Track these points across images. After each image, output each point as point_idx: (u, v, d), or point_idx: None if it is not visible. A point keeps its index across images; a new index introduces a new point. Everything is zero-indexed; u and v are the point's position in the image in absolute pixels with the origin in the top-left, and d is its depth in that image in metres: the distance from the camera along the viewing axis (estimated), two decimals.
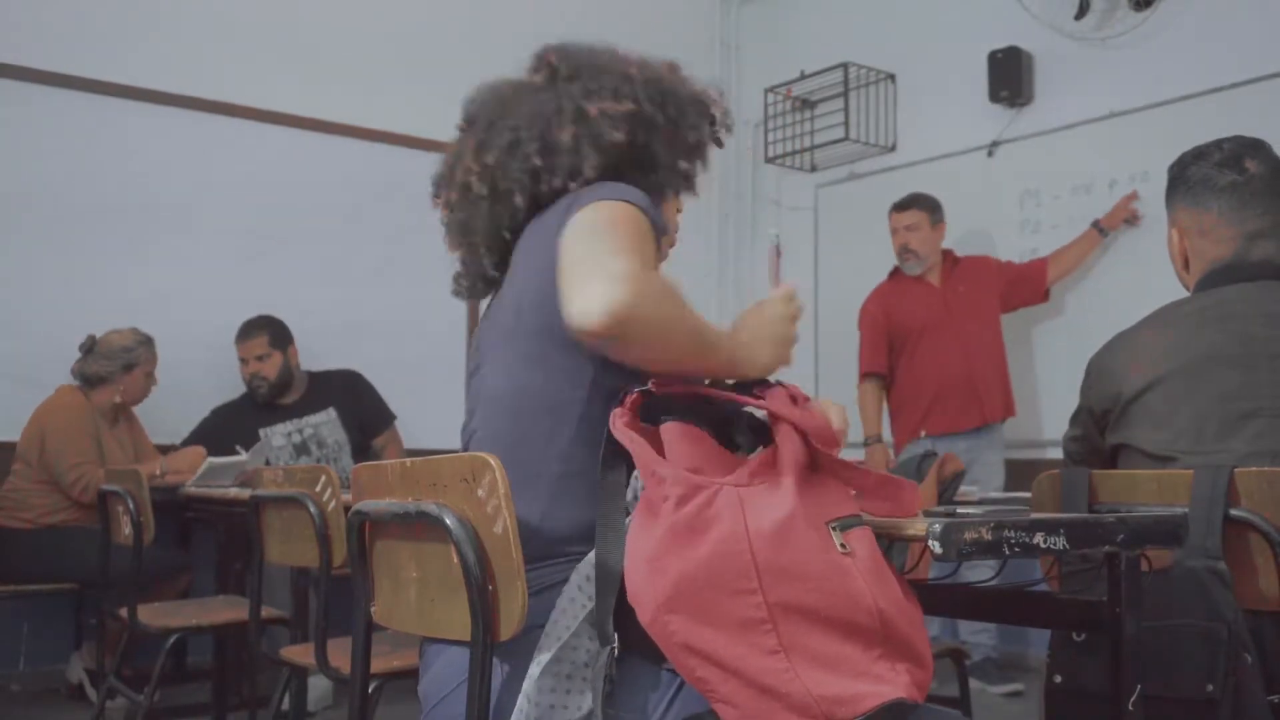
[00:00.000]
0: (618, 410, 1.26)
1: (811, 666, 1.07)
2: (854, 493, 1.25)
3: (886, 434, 4.62)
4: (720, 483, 1.15)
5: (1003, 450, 4.45)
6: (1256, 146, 1.96)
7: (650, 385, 1.28)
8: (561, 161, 1.44)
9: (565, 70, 1.50)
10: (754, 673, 1.07)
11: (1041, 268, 4.51)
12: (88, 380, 4.03)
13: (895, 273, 4.65)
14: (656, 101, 1.48)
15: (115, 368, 4.02)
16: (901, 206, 4.56)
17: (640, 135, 1.46)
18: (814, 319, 5.28)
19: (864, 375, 4.60)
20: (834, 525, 1.15)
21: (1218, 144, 1.99)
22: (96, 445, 3.94)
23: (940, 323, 4.47)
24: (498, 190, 1.47)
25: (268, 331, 4.38)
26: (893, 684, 1.08)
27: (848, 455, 1.27)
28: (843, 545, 1.13)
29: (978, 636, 4.30)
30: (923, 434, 4.44)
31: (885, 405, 4.62)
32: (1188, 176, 2.00)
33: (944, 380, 4.41)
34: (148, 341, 4.11)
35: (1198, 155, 2.00)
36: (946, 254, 4.60)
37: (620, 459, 1.25)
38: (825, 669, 1.07)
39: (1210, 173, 1.96)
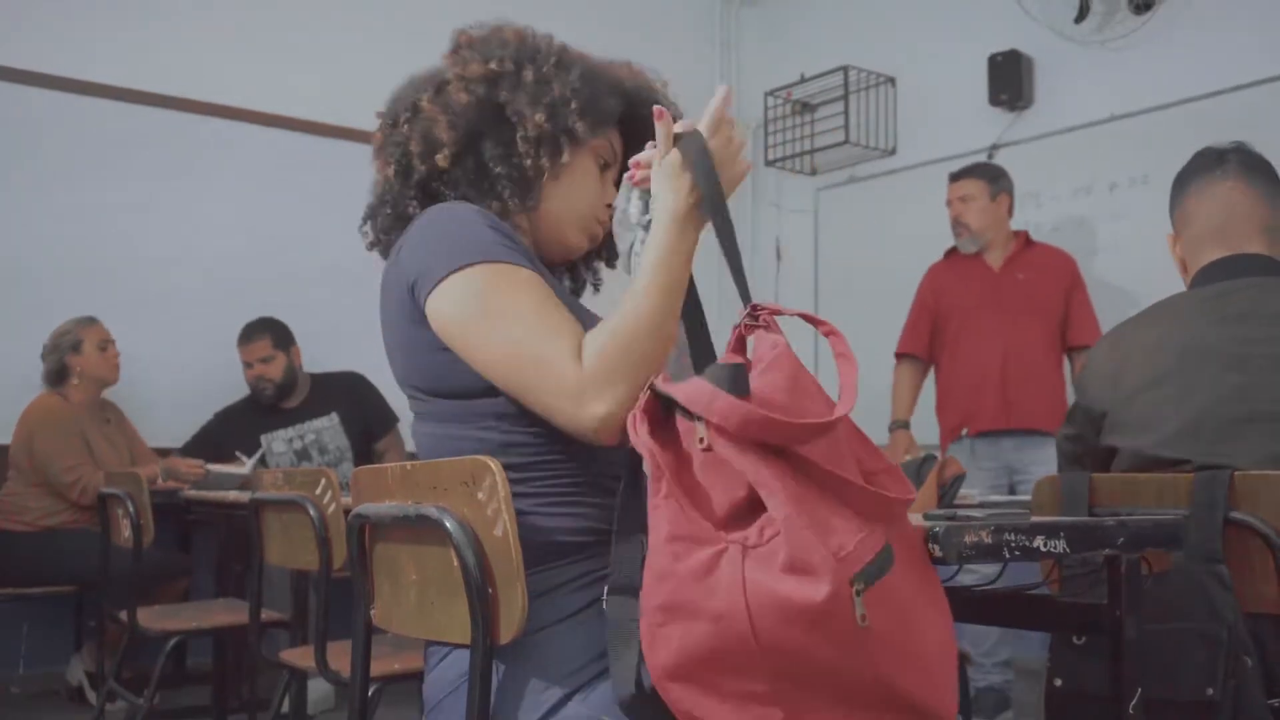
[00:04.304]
0: (637, 416, 1.15)
1: None
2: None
3: (930, 429, 4.23)
4: (725, 543, 1.05)
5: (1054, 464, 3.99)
6: (1239, 145, 2.02)
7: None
8: (419, 127, 1.45)
9: (463, 44, 1.49)
10: None
11: (1086, 338, 3.91)
12: (51, 380, 4.05)
13: (953, 250, 4.20)
14: (523, 59, 1.44)
15: (63, 353, 4.03)
16: (956, 175, 4.13)
17: (501, 93, 1.43)
18: None
19: (896, 356, 4.22)
20: (858, 586, 1.02)
21: (1205, 148, 2.05)
22: (85, 445, 3.94)
23: (986, 309, 3.99)
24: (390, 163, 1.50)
25: (270, 333, 4.37)
26: None
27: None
28: (863, 618, 1.02)
29: (989, 677, 3.82)
30: (964, 433, 4.02)
31: (917, 391, 4.24)
32: (1177, 179, 2.06)
33: (980, 373, 3.97)
34: (85, 320, 4.08)
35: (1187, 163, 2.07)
36: (1018, 235, 4.11)
37: (640, 484, 1.17)
38: None
39: (1194, 166, 2.03)
